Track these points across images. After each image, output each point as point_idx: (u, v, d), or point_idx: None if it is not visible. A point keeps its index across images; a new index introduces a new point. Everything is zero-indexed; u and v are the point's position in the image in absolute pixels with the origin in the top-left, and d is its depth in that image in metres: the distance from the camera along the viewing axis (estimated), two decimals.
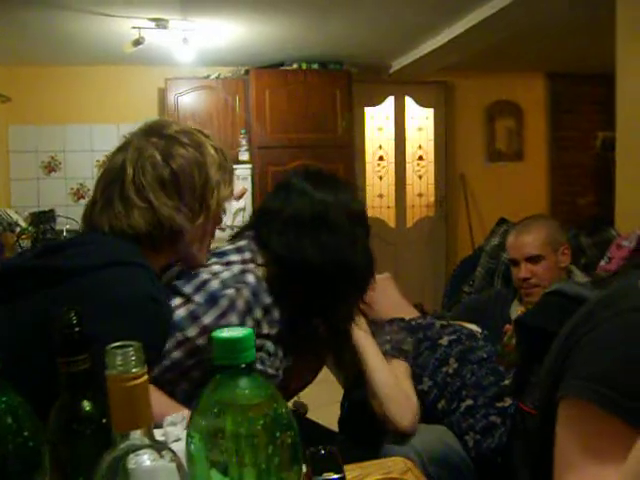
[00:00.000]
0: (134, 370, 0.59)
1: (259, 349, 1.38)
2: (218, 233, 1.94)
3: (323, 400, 2.22)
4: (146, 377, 0.60)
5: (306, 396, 4.29)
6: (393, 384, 1.61)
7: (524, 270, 2.22)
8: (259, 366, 1.37)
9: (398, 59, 5.56)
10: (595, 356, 0.82)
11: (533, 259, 2.21)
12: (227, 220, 5.32)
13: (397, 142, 6.24)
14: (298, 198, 1.48)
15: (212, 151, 1.39)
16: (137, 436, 0.62)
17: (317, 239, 1.44)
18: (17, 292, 1.19)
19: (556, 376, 0.87)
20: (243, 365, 0.60)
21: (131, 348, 0.60)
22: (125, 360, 0.59)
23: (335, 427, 1.94)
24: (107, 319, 1.09)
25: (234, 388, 0.60)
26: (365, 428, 1.84)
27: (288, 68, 5.32)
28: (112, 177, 1.33)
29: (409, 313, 2.05)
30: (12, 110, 5.02)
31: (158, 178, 1.31)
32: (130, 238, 1.29)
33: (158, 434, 1.03)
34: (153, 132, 1.37)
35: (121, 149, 1.36)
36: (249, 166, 5.25)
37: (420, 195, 6.37)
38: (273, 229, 1.46)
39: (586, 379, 0.79)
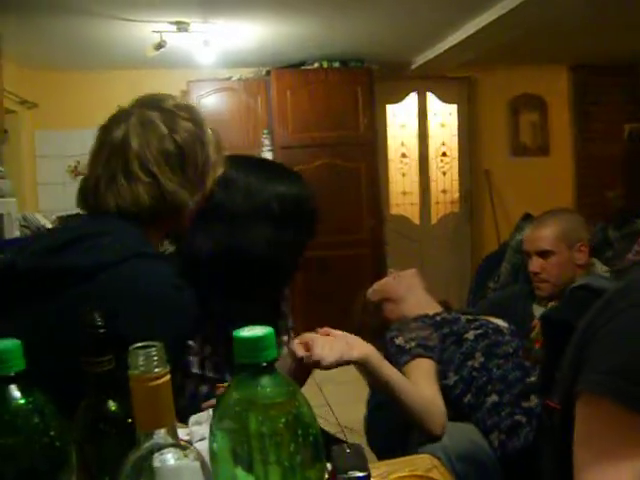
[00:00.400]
0: (156, 370, 0.60)
1: None
2: None
3: (348, 399, 2.22)
4: (168, 377, 0.61)
5: (330, 395, 4.28)
6: (425, 405, 1.55)
7: (534, 264, 2.20)
8: None
9: (420, 55, 5.53)
10: (613, 348, 0.80)
11: (544, 254, 2.18)
12: None
13: (420, 139, 6.21)
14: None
15: (210, 131, 1.36)
16: (161, 435, 0.63)
17: (210, 230, 1.42)
18: (31, 294, 1.14)
19: (576, 369, 0.86)
20: (264, 364, 0.61)
21: (153, 348, 0.61)
22: (147, 360, 0.60)
23: (358, 425, 1.94)
24: (138, 318, 1.09)
25: (255, 386, 0.61)
26: (389, 425, 1.84)
27: (309, 67, 5.32)
28: (113, 151, 1.27)
29: (435, 309, 2.04)
30: (38, 116, 5.10)
31: (164, 151, 1.27)
32: (134, 216, 1.25)
33: (183, 433, 1.04)
34: (152, 105, 1.32)
35: (118, 121, 1.29)
36: None
37: (444, 191, 6.34)
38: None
39: (604, 372, 0.77)
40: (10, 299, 1.16)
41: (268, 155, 5.28)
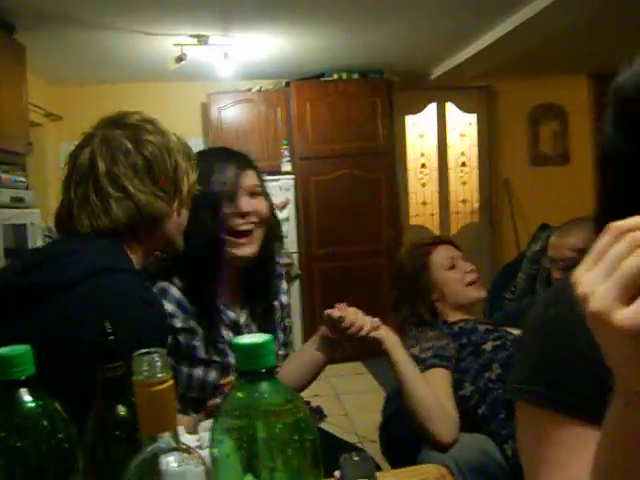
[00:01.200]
0: (159, 375, 0.62)
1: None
2: None
3: (367, 408, 2.23)
4: (172, 382, 0.63)
5: (349, 405, 4.29)
6: (433, 404, 1.56)
7: (559, 272, 2.19)
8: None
9: (438, 66, 5.54)
10: (521, 355, 0.83)
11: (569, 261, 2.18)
12: None
13: (439, 149, 6.21)
14: None
15: (175, 139, 1.38)
16: (164, 439, 0.65)
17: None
18: (12, 310, 1.16)
19: None
20: (263, 370, 0.63)
21: (157, 354, 0.63)
22: (151, 365, 0.62)
23: (373, 435, 1.95)
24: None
25: (254, 392, 0.62)
26: (404, 435, 1.85)
27: (328, 79, 5.36)
28: (83, 173, 1.29)
29: (461, 316, 2.04)
30: (63, 128, 5.19)
31: (131, 166, 1.28)
32: (112, 234, 1.26)
33: (193, 439, 1.06)
34: (115, 123, 1.34)
35: (84, 144, 1.33)
36: (292, 177, 5.30)
37: (464, 201, 6.32)
38: None
39: (516, 381, 0.80)
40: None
41: (287, 166, 5.32)
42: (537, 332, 0.83)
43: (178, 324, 1.50)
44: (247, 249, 1.57)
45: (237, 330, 1.61)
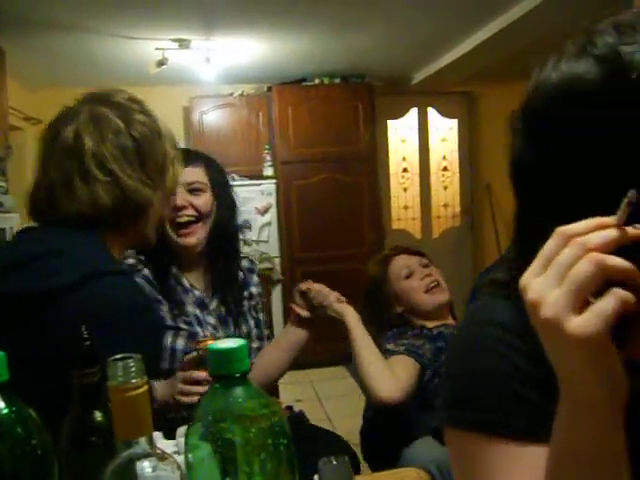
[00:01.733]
0: (134, 381, 0.62)
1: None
2: (245, 248, 2.04)
3: (349, 412, 2.23)
4: (146, 387, 0.63)
5: (332, 409, 4.28)
6: (379, 364, 1.69)
7: None
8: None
9: (420, 70, 5.57)
10: (444, 381, 0.80)
11: None
12: (253, 235, 5.38)
13: (421, 153, 6.24)
14: None
15: (163, 125, 1.30)
16: (140, 444, 0.65)
17: None
18: None
19: None
20: (237, 375, 0.63)
21: (131, 360, 0.63)
22: (126, 371, 0.62)
23: (356, 439, 1.96)
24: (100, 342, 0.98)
25: (229, 397, 0.63)
26: (385, 438, 1.86)
27: (310, 84, 5.37)
28: (66, 153, 1.18)
29: (437, 322, 2.05)
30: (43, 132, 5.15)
31: (121, 147, 1.18)
32: (94, 221, 1.17)
33: (171, 444, 1.06)
34: (103, 100, 1.24)
35: (67, 120, 1.21)
36: (274, 181, 5.30)
37: (446, 206, 6.36)
38: None
39: (440, 408, 0.76)
40: None
41: (269, 171, 5.33)
42: (452, 356, 0.80)
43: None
44: (187, 239, 1.68)
45: (204, 308, 1.72)
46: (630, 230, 0.51)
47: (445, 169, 6.33)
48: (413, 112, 6.19)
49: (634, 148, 0.59)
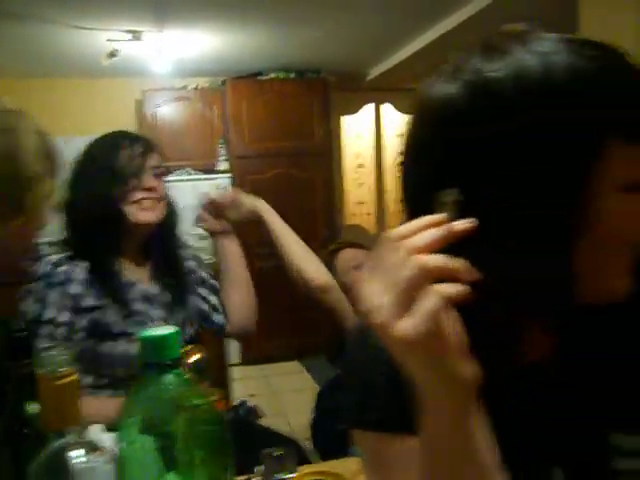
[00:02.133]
0: (61, 370, 0.61)
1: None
2: (194, 241, 2.02)
3: (305, 407, 2.24)
4: (74, 377, 0.63)
5: (286, 404, 4.29)
6: (306, 249, 1.84)
7: None
8: None
9: (375, 67, 5.61)
10: (346, 386, 0.82)
11: None
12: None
13: (376, 149, 6.29)
14: None
15: (29, 136, 1.11)
16: (70, 435, 0.65)
17: None
18: None
19: None
20: (169, 362, 0.63)
21: (60, 348, 0.63)
22: (53, 360, 0.62)
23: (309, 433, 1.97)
24: None
25: (160, 385, 0.63)
26: (335, 430, 1.87)
27: (264, 78, 5.35)
28: None
29: None
30: None
31: None
32: None
33: (110, 437, 1.05)
34: None
35: None
36: (228, 175, 5.27)
37: (401, 201, 6.39)
38: None
39: (345, 409, 0.79)
40: None
41: (224, 165, 5.29)
42: (349, 361, 0.82)
43: (90, 302, 1.55)
44: (150, 215, 1.67)
45: (151, 301, 1.69)
46: (457, 226, 0.52)
47: (401, 164, 6.36)
48: (368, 108, 6.22)
49: (507, 167, 0.59)
